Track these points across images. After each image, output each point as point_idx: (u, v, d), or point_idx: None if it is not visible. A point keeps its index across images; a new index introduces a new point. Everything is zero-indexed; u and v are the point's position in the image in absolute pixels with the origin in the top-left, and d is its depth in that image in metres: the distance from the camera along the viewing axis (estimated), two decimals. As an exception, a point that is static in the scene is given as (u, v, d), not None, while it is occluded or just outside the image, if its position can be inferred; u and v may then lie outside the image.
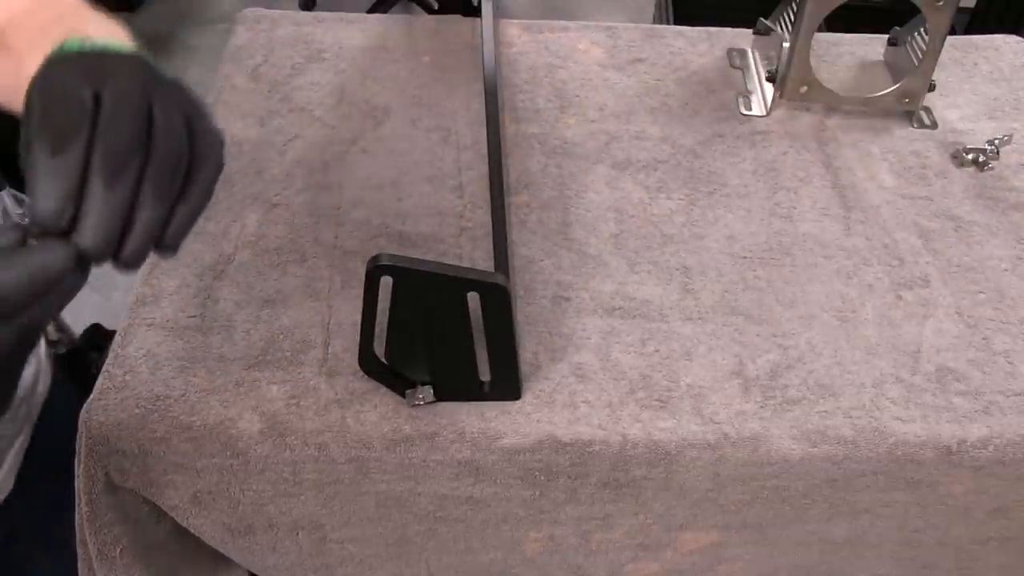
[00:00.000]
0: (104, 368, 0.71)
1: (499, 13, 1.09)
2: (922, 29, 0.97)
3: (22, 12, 0.57)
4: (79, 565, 0.75)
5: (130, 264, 0.46)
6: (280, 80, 1.00)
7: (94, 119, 0.45)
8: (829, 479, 0.72)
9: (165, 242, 0.48)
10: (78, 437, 0.69)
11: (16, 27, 0.57)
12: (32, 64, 0.49)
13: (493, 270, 0.79)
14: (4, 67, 0.56)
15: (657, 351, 0.76)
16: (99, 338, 0.96)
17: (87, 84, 0.45)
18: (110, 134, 0.45)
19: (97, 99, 0.45)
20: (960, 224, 0.89)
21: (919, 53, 0.97)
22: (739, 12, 1.18)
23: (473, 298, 0.64)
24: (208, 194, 0.50)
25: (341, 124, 0.95)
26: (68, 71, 0.47)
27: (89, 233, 0.44)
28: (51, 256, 0.42)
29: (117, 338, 0.74)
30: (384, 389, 0.71)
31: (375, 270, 0.62)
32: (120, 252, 0.45)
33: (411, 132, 0.94)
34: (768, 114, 1.00)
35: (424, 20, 1.13)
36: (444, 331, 0.66)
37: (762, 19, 1.06)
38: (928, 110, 1.01)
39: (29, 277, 0.41)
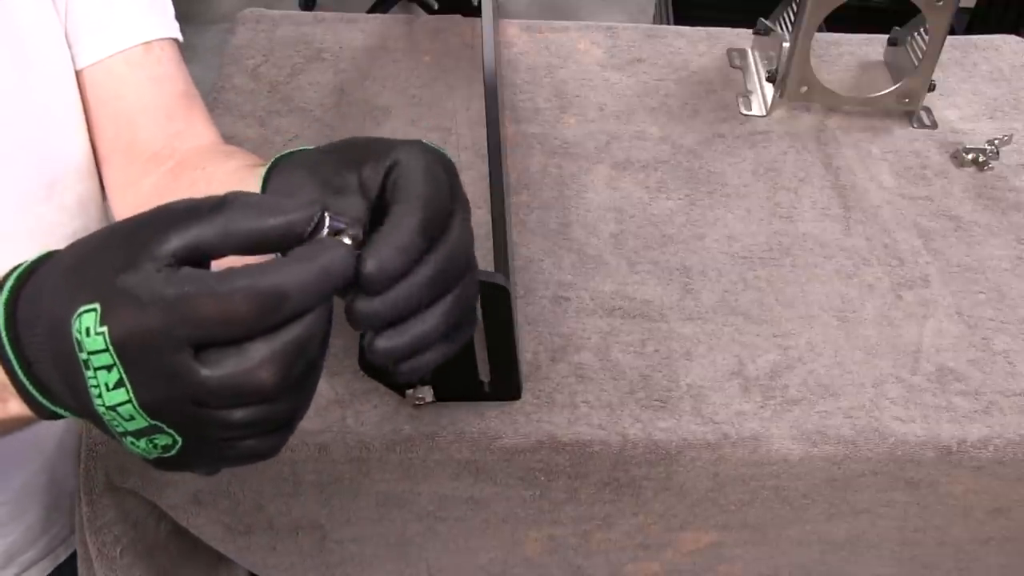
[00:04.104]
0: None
1: (499, 13, 1.09)
2: (922, 29, 0.97)
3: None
4: (79, 565, 0.75)
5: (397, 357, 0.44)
6: (280, 80, 1.00)
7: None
8: (829, 479, 0.72)
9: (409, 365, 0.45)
10: (78, 437, 0.69)
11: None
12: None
13: (493, 270, 0.79)
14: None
15: (657, 351, 0.76)
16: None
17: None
18: (456, 251, 0.44)
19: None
20: (960, 224, 0.89)
21: (919, 53, 0.97)
22: (739, 12, 1.18)
23: (473, 298, 0.64)
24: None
25: (341, 124, 0.95)
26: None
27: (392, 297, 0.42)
28: (338, 254, 0.38)
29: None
30: (384, 389, 0.71)
31: (375, 270, 0.62)
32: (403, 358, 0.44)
33: (411, 132, 0.94)
34: (768, 114, 1.00)
35: (424, 20, 1.13)
36: (444, 331, 0.66)
37: (762, 19, 1.06)
38: (928, 110, 1.01)
39: (317, 274, 0.37)
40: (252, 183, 0.56)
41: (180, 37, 0.71)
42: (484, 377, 0.70)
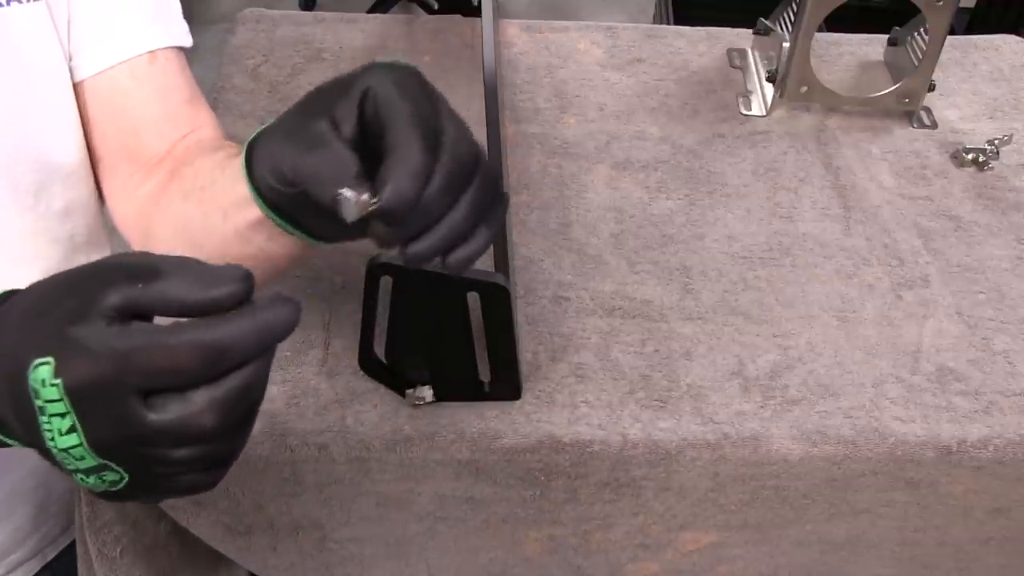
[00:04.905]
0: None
1: (499, 13, 1.09)
2: (922, 29, 0.97)
3: None
4: (79, 565, 0.75)
5: (455, 265, 0.50)
6: (280, 80, 1.00)
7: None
8: (829, 479, 0.72)
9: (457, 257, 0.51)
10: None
11: None
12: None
13: (493, 270, 0.79)
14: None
15: (657, 351, 0.76)
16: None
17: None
18: (459, 148, 0.49)
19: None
20: (960, 224, 0.89)
21: (919, 53, 0.97)
22: (739, 12, 1.18)
23: (473, 298, 0.64)
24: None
25: (341, 124, 0.95)
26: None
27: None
28: (280, 312, 0.41)
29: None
30: (384, 389, 0.71)
31: (375, 269, 0.62)
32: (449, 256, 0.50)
33: (411, 132, 0.94)
34: (768, 114, 1.00)
35: (424, 20, 1.13)
36: (444, 331, 0.66)
37: (762, 19, 1.06)
38: (928, 110, 1.01)
39: (258, 331, 0.40)
40: (231, 171, 0.59)
41: (188, 42, 0.70)
42: (484, 377, 0.70)
